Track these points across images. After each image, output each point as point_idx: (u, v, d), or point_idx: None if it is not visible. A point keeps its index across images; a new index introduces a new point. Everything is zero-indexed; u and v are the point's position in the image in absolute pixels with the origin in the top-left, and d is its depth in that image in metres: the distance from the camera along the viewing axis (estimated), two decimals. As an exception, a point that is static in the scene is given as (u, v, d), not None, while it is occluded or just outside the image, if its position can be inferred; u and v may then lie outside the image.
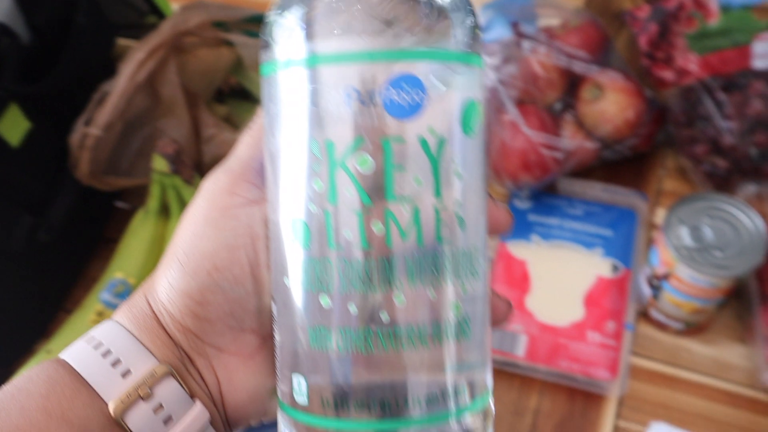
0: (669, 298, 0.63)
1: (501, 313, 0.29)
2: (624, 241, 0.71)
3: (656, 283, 0.64)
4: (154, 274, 0.28)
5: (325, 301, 0.24)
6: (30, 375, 0.25)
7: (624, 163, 0.78)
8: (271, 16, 0.25)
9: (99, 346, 0.26)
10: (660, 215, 0.74)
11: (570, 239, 0.72)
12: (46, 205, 0.67)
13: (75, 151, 0.64)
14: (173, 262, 0.27)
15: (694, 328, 0.66)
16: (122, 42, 0.78)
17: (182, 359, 0.27)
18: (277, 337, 0.26)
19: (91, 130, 0.62)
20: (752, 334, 0.64)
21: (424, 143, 0.23)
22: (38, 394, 0.25)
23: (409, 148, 0.23)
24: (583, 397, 0.65)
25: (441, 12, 0.23)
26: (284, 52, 0.24)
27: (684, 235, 0.60)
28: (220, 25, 0.70)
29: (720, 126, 0.69)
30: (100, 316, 0.65)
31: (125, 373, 0.26)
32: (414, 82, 0.23)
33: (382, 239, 0.23)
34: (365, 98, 0.22)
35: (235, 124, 0.79)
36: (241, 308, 0.27)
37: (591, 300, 0.68)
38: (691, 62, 0.67)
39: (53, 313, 0.71)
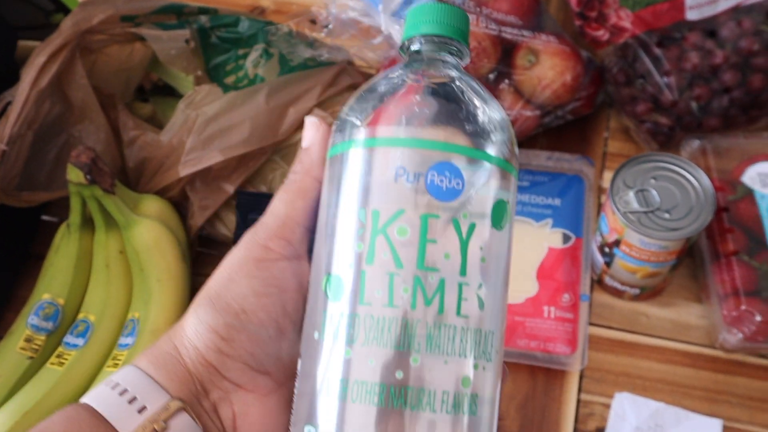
0: (622, 264, 0.61)
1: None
2: (573, 209, 0.69)
3: (608, 250, 0.62)
4: (183, 317, 0.30)
5: (348, 353, 0.26)
6: (51, 417, 0.27)
7: (567, 128, 0.76)
8: (343, 110, 0.30)
9: (116, 387, 0.28)
10: (607, 178, 0.72)
11: (518, 213, 0.70)
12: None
13: (-19, 169, 0.59)
14: (204, 300, 0.29)
15: (650, 292, 0.65)
16: (30, 44, 0.73)
17: (198, 394, 0.29)
18: (297, 391, 0.28)
19: (-5, 145, 0.57)
20: (708, 292, 0.63)
21: (456, 224, 0.26)
22: None
23: (443, 226, 0.26)
24: (545, 375, 0.63)
25: (486, 123, 0.28)
26: (349, 136, 0.28)
27: (630, 199, 0.58)
28: (129, 18, 0.65)
29: (659, 82, 0.67)
30: (29, 343, 0.61)
31: (141, 409, 0.27)
32: (455, 172, 0.26)
33: (408, 302, 0.26)
34: (411, 177, 0.26)
35: (161, 123, 0.74)
36: (262, 351, 0.29)
37: (544, 273, 0.66)
38: (624, 19, 0.65)
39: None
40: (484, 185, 0.27)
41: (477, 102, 0.28)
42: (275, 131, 0.65)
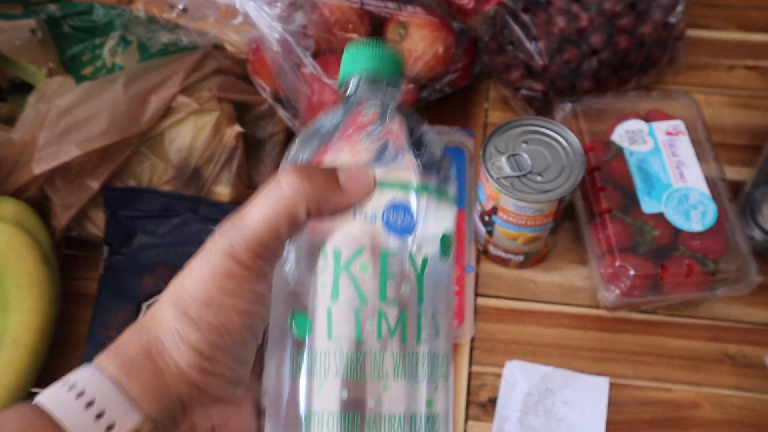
0: (502, 231, 0.61)
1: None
2: (455, 181, 0.69)
3: (488, 219, 0.61)
4: (153, 316, 0.28)
5: (320, 387, 0.27)
6: (6, 413, 0.25)
7: (449, 101, 0.75)
8: (294, 154, 0.31)
9: (81, 395, 0.25)
10: (489, 149, 0.72)
11: (401, 189, 0.68)
12: None
13: None
14: (184, 317, 0.27)
15: (534, 258, 0.65)
16: None
17: (175, 414, 0.27)
18: (267, 427, 0.29)
19: None
20: (588, 253, 0.63)
21: (412, 258, 0.28)
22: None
23: (400, 261, 0.28)
24: (435, 349, 0.62)
25: (430, 161, 0.29)
26: None
27: (503, 165, 0.57)
28: (-34, 10, 0.61)
29: (529, 48, 0.67)
30: None
31: (109, 427, 0.25)
32: (407, 209, 0.28)
33: (374, 334, 0.27)
34: (369, 217, 0.28)
35: (21, 122, 0.69)
36: (242, 366, 0.29)
37: (429, 248, 0.65)
38: (487, -15, 0.64)
39: None
40: (433, 220, 0.29)
41: (420, 141, 0.30)
42: (137, 121, 0.62)
